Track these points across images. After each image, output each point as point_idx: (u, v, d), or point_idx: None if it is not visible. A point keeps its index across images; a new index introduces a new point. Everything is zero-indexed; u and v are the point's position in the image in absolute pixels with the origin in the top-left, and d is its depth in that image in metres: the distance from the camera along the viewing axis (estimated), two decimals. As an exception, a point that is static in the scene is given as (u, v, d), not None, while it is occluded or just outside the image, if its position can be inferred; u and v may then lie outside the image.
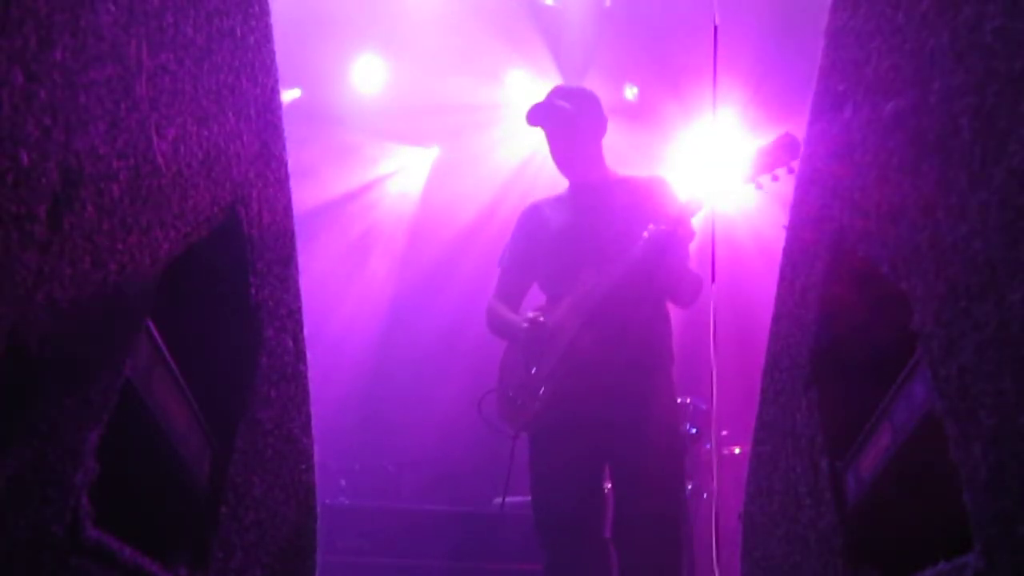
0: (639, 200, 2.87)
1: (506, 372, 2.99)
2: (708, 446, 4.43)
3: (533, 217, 3.09)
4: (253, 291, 1.33)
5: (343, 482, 5.24)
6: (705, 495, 4.45)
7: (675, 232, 2.64)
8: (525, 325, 2.84)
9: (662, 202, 2.84)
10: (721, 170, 2.72)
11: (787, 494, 1.46)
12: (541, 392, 2.79)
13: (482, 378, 3.10)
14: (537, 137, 3.09)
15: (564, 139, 2.96)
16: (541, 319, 2.84)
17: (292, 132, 1.52)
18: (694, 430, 4.29)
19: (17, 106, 0.66)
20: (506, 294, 3.09)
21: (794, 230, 1.44)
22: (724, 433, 5.08)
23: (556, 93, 3.04)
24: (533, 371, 2.84)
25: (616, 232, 2.81)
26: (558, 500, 2.76)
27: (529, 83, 5.90)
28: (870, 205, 1.06)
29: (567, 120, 2.93)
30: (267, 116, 1.36)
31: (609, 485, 2.87)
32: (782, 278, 1.51)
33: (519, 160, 6.03)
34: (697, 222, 2.76)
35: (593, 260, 2.81)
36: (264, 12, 1.33)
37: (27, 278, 0.69)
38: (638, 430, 2.71)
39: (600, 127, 3.00)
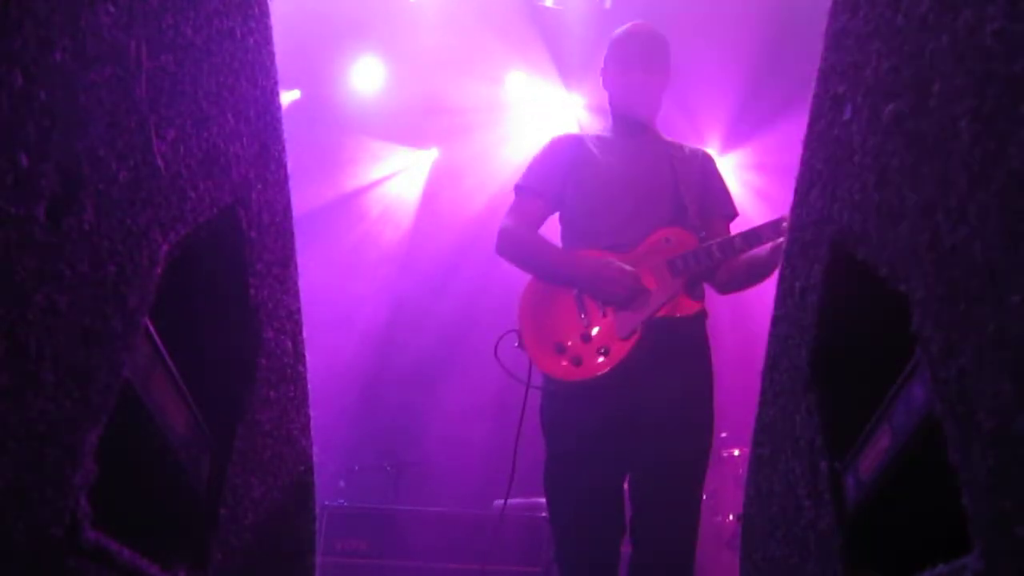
0: (700, 172, 2.79)
1: (552, 316, 2.65)
2: (707, 448, 4.43)
3: (574, 149, 2.83)
4: (252, 292, 1.33)
5: (342, 483, 5.25)
6: (705, 496, 4.45)
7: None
8: (628, 281, 2.55)
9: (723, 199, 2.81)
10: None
11: (786, 496, 1.46)
12: (618, 350, 2.54)
13: (481, 379, 3.07)
14: (537, 138, 3.06)
15: (657, 77, 2.84)
16: (635, 271, 2.59)
17: (291, 133, 1.52)
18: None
19: (17, 107, 0.66)
20: (528, 222, 2.77)
21: (793, 232, 1.44)
22: (723, 435, 5.09)
23: (656, 36, 2.88)
24: (619, 327, 2.57)
25: (682, 202, 2.70)
26: (579, 508, 2.57)
27: (529, 85, 5.91)
28: (869, 207, 1.06)
29: (665, 64, 2.84)
30: (266, 117, 1.36)
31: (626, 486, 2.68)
32: (781, 280, 1.51)
33: (519, 162, 6.02)
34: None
35: (657, 221, 2.67)
36: (264, 13, 1.33)
37: (26, 279, 0.69)
38: (688, 431, 2.56)
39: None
